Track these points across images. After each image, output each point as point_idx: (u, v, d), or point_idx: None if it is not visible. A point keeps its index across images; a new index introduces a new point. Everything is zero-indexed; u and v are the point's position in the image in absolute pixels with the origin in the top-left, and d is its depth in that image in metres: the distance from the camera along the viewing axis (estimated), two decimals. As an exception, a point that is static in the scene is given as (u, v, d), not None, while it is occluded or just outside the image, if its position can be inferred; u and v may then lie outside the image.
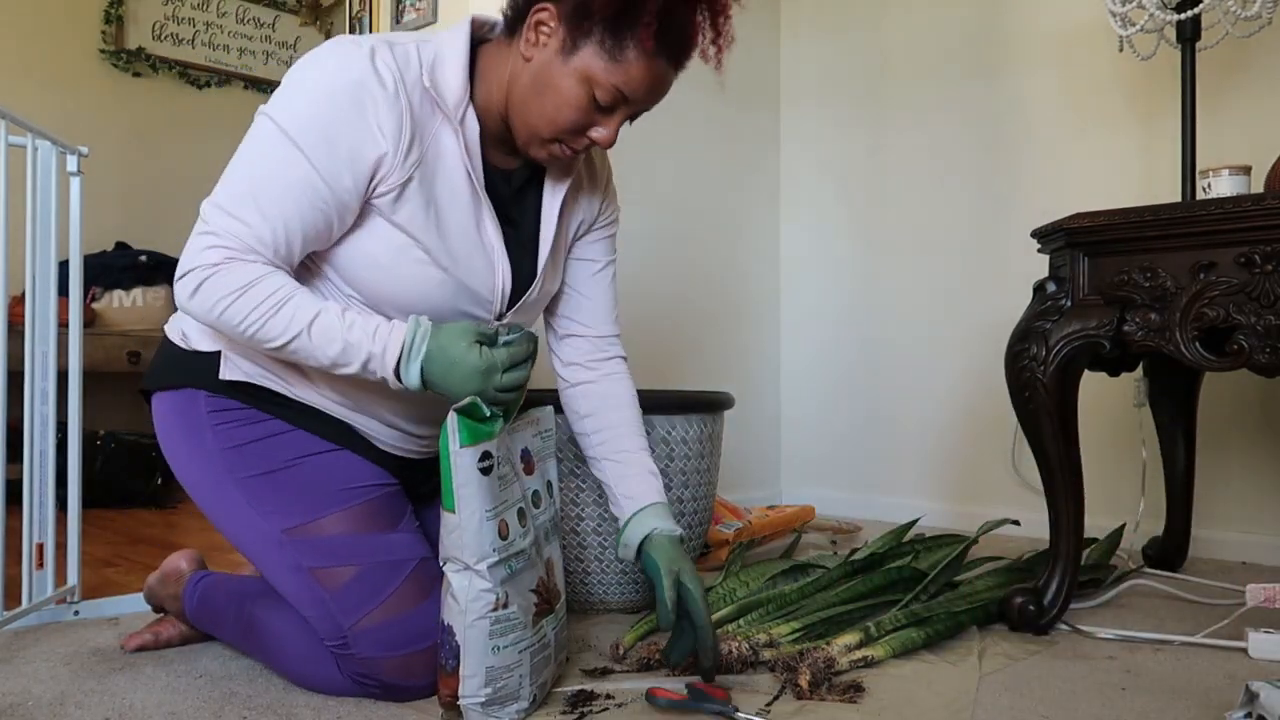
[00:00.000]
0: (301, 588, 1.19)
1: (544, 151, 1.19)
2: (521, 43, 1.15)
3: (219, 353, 1.23)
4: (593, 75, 1.12)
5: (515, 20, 1.17)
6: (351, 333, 1.10)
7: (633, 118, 1.20)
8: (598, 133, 1.17)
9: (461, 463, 1.06)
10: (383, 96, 1.10)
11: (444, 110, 1.15)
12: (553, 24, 1.13)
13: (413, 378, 1.10)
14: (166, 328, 1.31)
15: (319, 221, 1.12)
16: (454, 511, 1.07)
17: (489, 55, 1.20)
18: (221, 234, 1.09)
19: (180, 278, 1.10)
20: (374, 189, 1.14)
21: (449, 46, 1.17)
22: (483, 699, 1.08)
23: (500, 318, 1.26)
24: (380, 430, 1.28)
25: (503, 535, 1.10)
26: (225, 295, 1.08)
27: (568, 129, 1.16)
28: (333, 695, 1.20)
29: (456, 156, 1.17)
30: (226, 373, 1.23)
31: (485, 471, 1.08)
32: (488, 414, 1.10)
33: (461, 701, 1.09)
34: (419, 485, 1.36)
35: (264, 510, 1.21)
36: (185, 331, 1.27)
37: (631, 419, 1.38)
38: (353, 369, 1.11)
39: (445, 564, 1.10)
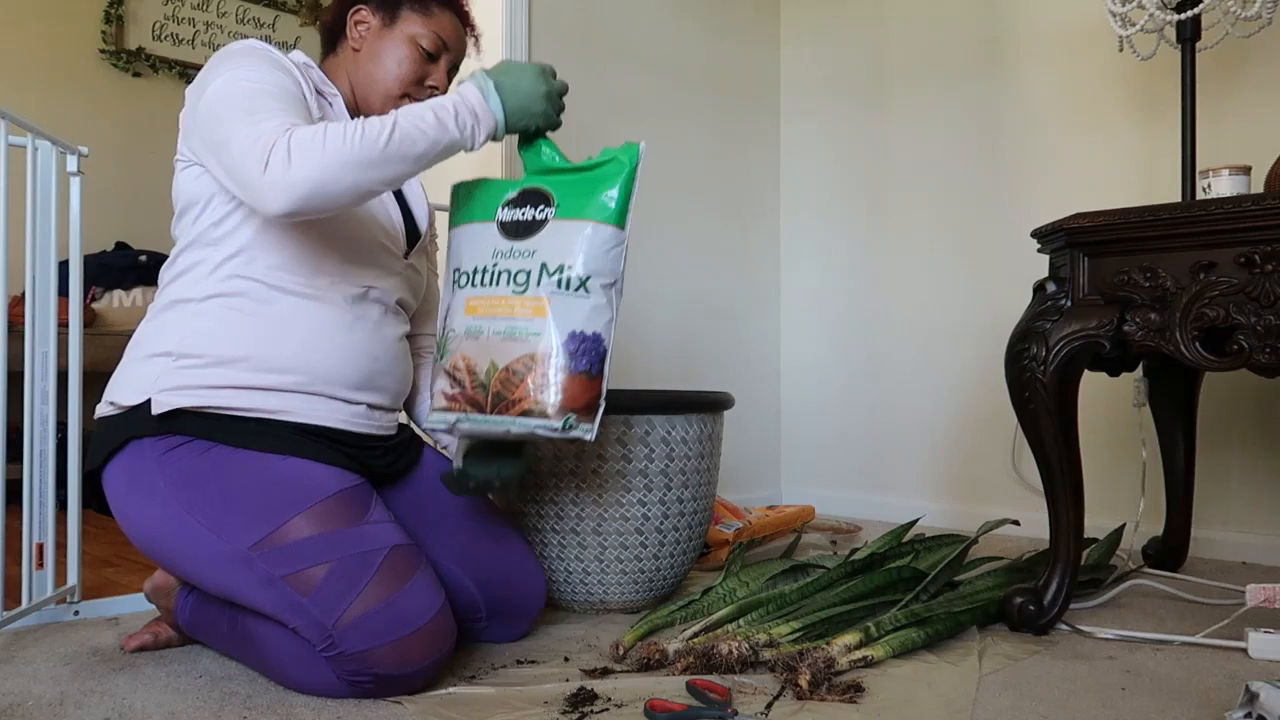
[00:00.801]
0: (279, 600, 1.19)
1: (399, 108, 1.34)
2: (348, 42, 1.43)
3: (149, 400, 1.26)
4: (416, 33, 1.41)
5: (335, 32, 1.45)
6: (430, 104, 1.23)
7: (451, 72, 1.46)
8: (434, 79, 1.43)
9: (633, 187, 1.26)
10: (289, 62, 1.33)
11: (321, 89, 1.40)
12: (367, 14, 1.42)
13: (495, 106, 1.25)
14: (100, 408, 1.34)
15: (307, 117, 1.26)
16: (623, 228, 1.24)
17: (328, 72, 1.46)
18: (272, 119, 1.17)
19: (267, 161, 1.12)
20: None
21: (300, 54, 1.42)
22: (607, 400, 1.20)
23: (405, 256, 1.45)
24: (323, 407, 1.30)
25: None
26: (315, 135, 1.14)
27: (410, 80, 1.41)
28: (332, 699, 1.20)
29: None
30: (159, 407, 1.25)
31: None
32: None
33: (602, 402, 1.19)
34: (386, 469, 1.40)
35: (226, 532, 1.21)
36: (112, 400, 1.31)
37: None
38: (449, 132, 1.21)
39: (590, 279, 1.20)
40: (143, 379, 1.27)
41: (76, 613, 1.61)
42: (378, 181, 1.18)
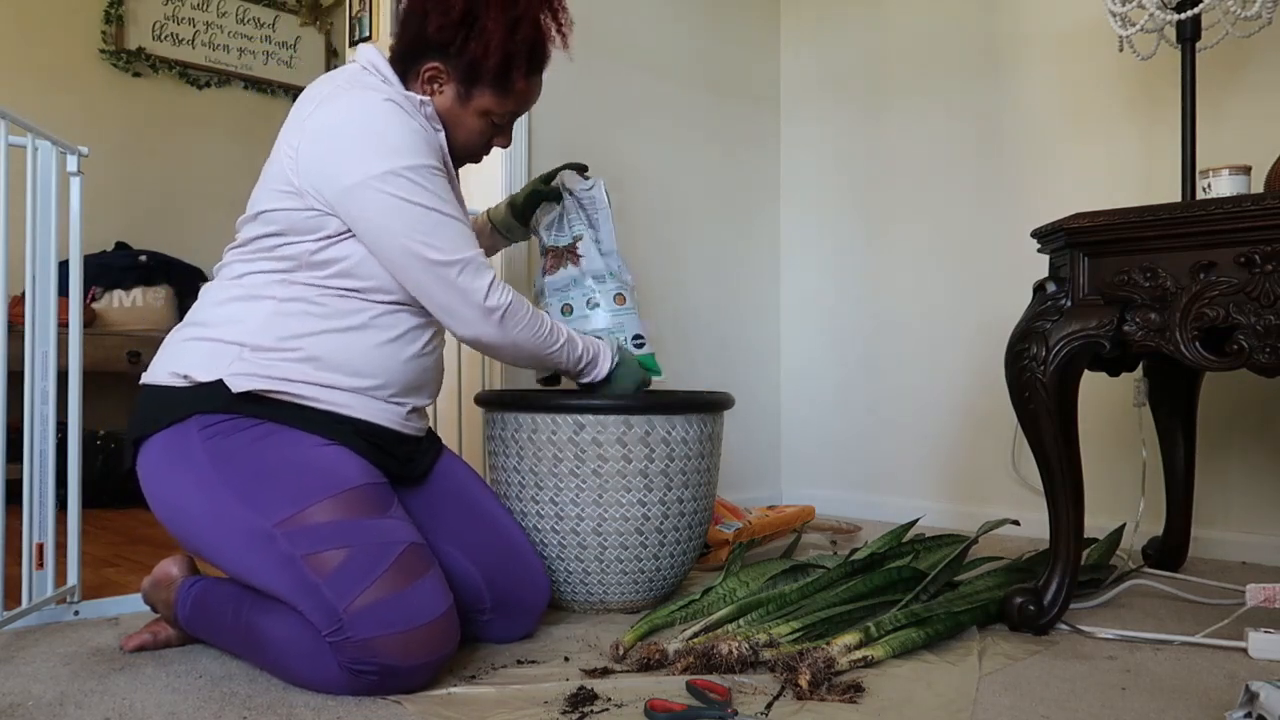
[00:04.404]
0: (295, 579, 1.21)
1: (457, 166, 1.52)
2: (417, 85, 1.43)
3: (219, 380, 1.30)
4: (490, 110, 1.45)
5: (407, 65, 1.44)
6: (586, 345, 1.56)
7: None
8: (499, 141, 1.52)
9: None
10: (423, 122, 1.40)
11: (431, 121, 1.44)
12: (444, 78, 1.43)
13: (607, 373, 1.59)
14: (155, 376, 1.36)
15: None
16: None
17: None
18: (485, 272, 1.37)
19: (492, 313, 1.38)
20: None
21: (396, 86, 1.42)
22: None
23: None
24: (375, 407, 1.38)
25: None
26: (524, 314, 1.42)
27: (477, 150, 1.51)
28: (334, 695, 1.20)
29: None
30: (236, 387, 1.29)
31: None
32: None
33: None
34: (412, 470, 1.46)
35: (257, 506, 1.25)
36: (183, 372, 1.32)
37: None
38: (579, 366, 1.55)
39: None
40: (217, 359, 1.31)
41: (76, 613, 1.61)
42: (518, 361, 1.50)
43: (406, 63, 1.44)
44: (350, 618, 1.17)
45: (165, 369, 1.35)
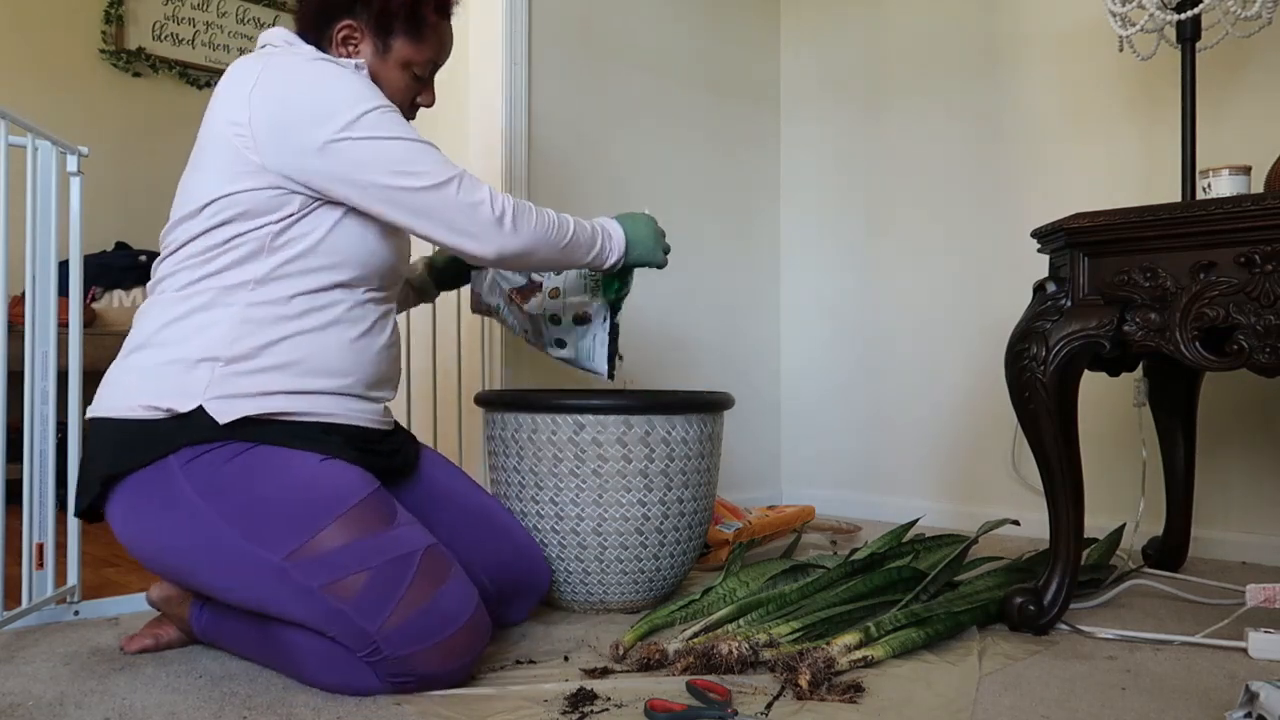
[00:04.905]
0: (318, 609, 1.18)
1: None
2: (332, 51, 1.39)
3: (199, 408, 1.23)
4: (410, 59, 1.41)
5: (319, 32, 1.40)
6: (594, 225, 1.50)
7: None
8: (423, 99, 1.48)
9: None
10: (368, 78, 1.37)
11: None
12: (358, 36, 1.39)
13: (623, 246, 1.53)
14: (118, 409, 1.26)
15: None
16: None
17: None
18: (481, 185, 1.33)
19: (501, 219, 1.33)
20: None
21: (348, 59, 1.40)
22: None
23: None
24: (355, 405, 1.35)
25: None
26: (530, 211, 1.38)
27: (404, 105, 1.44)
28: (371, 697, 1.20)
29: None
30: (224, 416, 1.23)
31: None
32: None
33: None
34: (399, 465, 1.44)
35: (263, 541, 1.20)
36: (165, 405, 1.24)
37: None
38: (600, 252, 1.50)
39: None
40: (190, 382, 1.24)
41: (76, 613, 1.61)
42: (546, 262, 1.43)
43: (320, 29, 1.39)
44: (384, 638, 1.16)
45: (133, 400, 1.25)
